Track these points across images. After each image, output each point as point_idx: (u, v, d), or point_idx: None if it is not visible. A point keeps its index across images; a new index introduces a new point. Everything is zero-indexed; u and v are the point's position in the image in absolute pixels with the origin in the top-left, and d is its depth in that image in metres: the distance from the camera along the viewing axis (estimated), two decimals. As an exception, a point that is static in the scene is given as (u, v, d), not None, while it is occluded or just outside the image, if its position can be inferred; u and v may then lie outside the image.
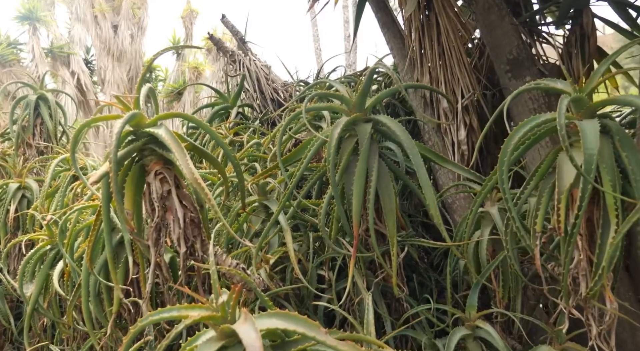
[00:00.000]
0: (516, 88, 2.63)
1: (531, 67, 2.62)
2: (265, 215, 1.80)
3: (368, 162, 1.60)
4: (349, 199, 1.63)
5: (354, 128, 1.67)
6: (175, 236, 1.36)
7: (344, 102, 1.69)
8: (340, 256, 1.70)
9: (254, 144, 2.24)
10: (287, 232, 1.58)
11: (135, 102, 1.38)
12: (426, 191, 1.48)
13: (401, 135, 1.58)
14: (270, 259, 1.58)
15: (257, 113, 3.34)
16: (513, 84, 2.66)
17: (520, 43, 2.67)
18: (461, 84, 2.69)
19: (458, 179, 2.59)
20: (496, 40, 2.73)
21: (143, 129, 1.35)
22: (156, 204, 1.37)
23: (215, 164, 1.53)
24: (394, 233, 1.55)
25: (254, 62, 3.46)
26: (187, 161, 1.22)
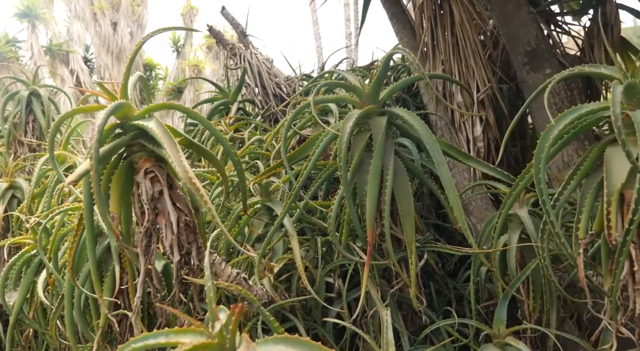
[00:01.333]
0: (535, 81, 2.49)
1: (551, 58, 2.46)
2: (268, 218, 1.64)
3: (383, 159, 1.44)
4: (361, 200, 1.47)
5: (367, 122, 1.51)
6: (168, 242, 1.20)
7: (356, 94, 1.53)
8: (351, 264, 1.54)
9: (255, 140, 2.08)
10: (293, 237, 1.42)
11: (122, 91, 1.22)
12: (449, 192, 1.32)
13: (420, 129, 1.42)
14: (274, 267, 1.42)
15: (259, 109, 3.18)
16: (532, 77, 2.50)
17: (539, 33, 2.50)
18: (476, 77, 2.53)
19: (474, 178, 2.44)
20: (513, 31, 2.57)
21: (131, 122, 1.19)
22: (146, 206, 1.21)
23: (213, 161, 1.37)
24: (413, 238, 1.40)
25: (256, 55, 3.30)
26: (180, 157, 1.06)
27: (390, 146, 1.49)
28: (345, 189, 1.38)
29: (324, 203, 1.68)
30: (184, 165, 1.04)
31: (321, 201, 1.71)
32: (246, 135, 2.20)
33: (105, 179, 1.20)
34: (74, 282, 1.27)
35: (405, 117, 1.45)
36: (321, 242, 1.60)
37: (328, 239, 1.64)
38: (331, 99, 1.60)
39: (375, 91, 1.50)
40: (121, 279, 1.32)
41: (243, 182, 1.36)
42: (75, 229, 1.27)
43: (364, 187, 1.46)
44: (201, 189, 1.01)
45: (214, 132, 1.26)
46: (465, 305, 1.76)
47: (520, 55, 2.54)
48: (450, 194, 1.32)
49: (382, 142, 1.43)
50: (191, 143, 1.33)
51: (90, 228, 1.13)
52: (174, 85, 14.77)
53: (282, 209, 1.57)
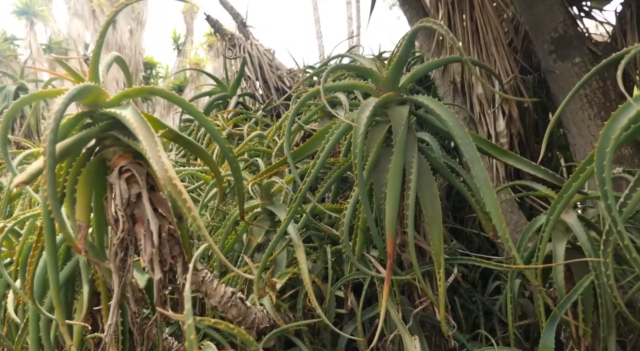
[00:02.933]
0: (563, 71, 2.26)
1: (581, 46, 2.23)
2: (269, 224, 1.43)
3: (405, 156, 1.22)
4: (379, 204, 1.25)
5: (385, 112, 1.30)
6: (147, 256, 0.98)
7: (372, 79, 1.31)
8: (366, 278, 1.32)
9: (256, 136, 1.87)
10: (299, 248, 1.20)
11: (91, 72, 1.00)
12: (486, 195, 1.10)
13: (449, 120, 1.19)
14: (276, 284, 1.20)
15: (260, 103, 2.96)
16: (559, 66, 2.27)
17: (567, 18, 2.27)
18: (498, 67, 2.30)
19: (497, 178, 2.22)
20: (537, 17, 2.34)
21: (102, 110, 0.98)
22: (120, 213, 0.99)
23: (205, 158, 1.15)
24: (441, 248, 1.17)
25: (256, 46, 3.08)
26: (158, 152, 0.84)
27: (412, 140, 1.27)
28: (361, 191, 1.16)
29: (334, 206, 1.46)
30: (164, 162, 0.83)
31: (330, 204, 1.49)
32: (245, 130, 1.99)
33: (71, 180, 0.98)
34: (33, 304, 1.05)
35: (430, 107, 1.23)
36: (331, 252, 1.38)
37: (339, 248, 1.42)
38: (343, 85, 1.38)
39: (395, 76, 1.29)
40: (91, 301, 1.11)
41: (239, 183, 1.14)
42: (35, 241, 1.05)
43: (382, 188, 1.25)
44: (184, 193, 0.79)
45: (202, 121, 1.04)
46: (495, 322, 1.54)
47: (545, 43, 2.32)
48: (487, 198, 1.10)
49: (403, 135, 1.21)
50: (178, 137, 1.11)
51: (49, 239, 0.91)
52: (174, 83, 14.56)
53: (285, 214, 1.35)
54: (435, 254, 1.18)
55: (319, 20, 14.15)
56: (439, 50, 2.45)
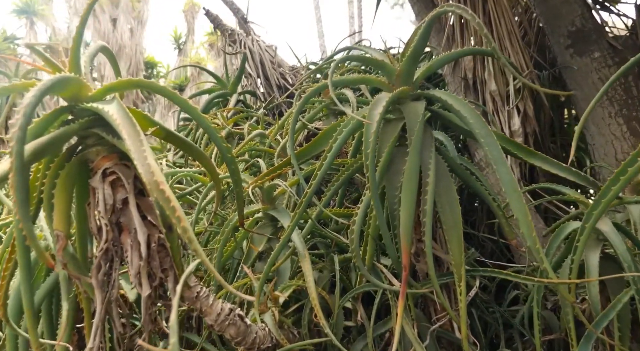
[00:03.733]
0: (582, 66, 2.14)
1: (600, 40, 2.11)
2: (272, 230, 1.31)
3: (422, 157, 1.10)
4: (391, 209, 1.14)
5: (399, 108, 1.18)
6: (134, 270, 0.87)
7: (385, 73, 1.19)
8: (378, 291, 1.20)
9: (257, 135, 1.75)
10: (305, 258, 1.09)
11: (71, 62, 0.89)
12: (514, 200, 0.98)
13: (470, 117, 1.08)
14: (279, 297, 1.09)
15: (261, 101, 2.85)
16: (577, 62, 2.15)
17: (584, 11, 2.15)
18: (513, 62, 2.19)
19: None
20: (553, 10, 2.23)
21: (83, 104, 0.86)
22: (104, 221, 0.88)
23: (201, 158, 1.04)
24: (461, 259, 1.06)
25: (257, 42, 2.97)
26: (143, 152, 0.73)
27: (429, 139, 1.15)
28: (373, 196, 1.05)
29: (342, 211, 1.35)
30: (150, 164, 0.71)
31: (337, 208, 1.38)
32: (246, 129, 1.87)
33: (49, 184, 0.87)
34: (7, 322, 0.94)
35: (449, 102, 1.12)
36: (339, 260, 1.26)
37: (347, 257, 1.30)
38: (352, 80, 1.26)
39: (410, 69, 1.17)
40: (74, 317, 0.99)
41: (238, 186, 1.03)
42: (9, 252, 0.94)
43: (396, 192, 1.13)
44: (172, 200, 0.68)
45: (197, 117, 0.93)
46: (515, 336, 1.43)
47: (562, 37, 2.20)
48: (514, 203, 0.98)
49: (419, 134, 1.10)
50: (171, 135, 1.00)
51: (22, 251, 0.80)
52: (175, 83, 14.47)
53: (289, 220, 1.24)
54: (455, 265, 1.06)
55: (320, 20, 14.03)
56: (449, 45, 2.34)
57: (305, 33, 33.17)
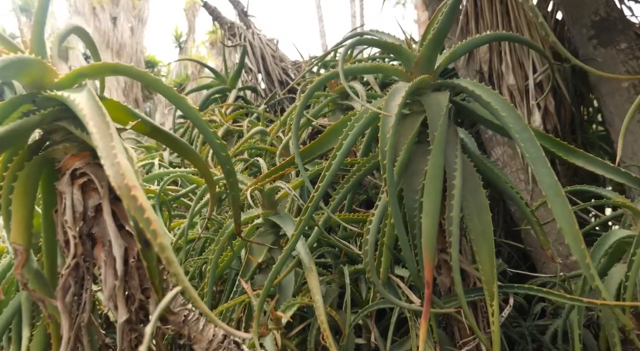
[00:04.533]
0: (607, 58, 1.99)
1: (627, 30, 1.96)
2: (273, 239, 1.16)
3: (446, 155, 0.96)
4: (410, 215, 0.99)
5: (419, 100, 1.03)
6: (108, 291, 0.73)
7: (402, 59, 1.04)
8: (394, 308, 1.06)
9: (257, 132, 1.61)
10: (312, 273, 0.94)
11: (33, 41, 0.75)
12: (557, 204, 0.84)
13: (502, 109, 0.93)
14: (281, 317, 0.94)
15: (262, 98, 2.70)
16: (601, 54, 1.99)
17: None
18: (532, 54, 2.04)
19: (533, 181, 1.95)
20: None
21: (47, 92, 0.72)
22: (71, 232, 0.73)
23: (191, 156, 0.90)
24: (493, 274, 0.91)
25: (258, 36, 2.83)
26: (112, 149, 0.58)
27: (454, 135, 1.01)
28: (391, 201, 0.90)
29: (352, 216, 1.20)
30: (119, 162, 0.57)
31: (346, 213, 1.23)
32: (245, 126, 1.73)
33: (6, 188, 0.72)
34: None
35: (476, 92, 0.97)
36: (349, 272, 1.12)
37: (358, 268, 1.16)
38: (364, 68, 1.11)
39: (431, 54, 1.02)
40: (44, 345, 0.85)
41: (234, 189, 0.88)
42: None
43: (415, 196, 0.99)
44: (147, 210, 0.53)
45: (183, 107, 0.78)
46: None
47: (585, 28, 2.05)
48: (559, 209, 0.84)
49: (443, 129, 0.95)
50: (156, 131, 0.86)
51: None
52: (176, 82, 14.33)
53: (293, 227, 1.09)
54: (486, 281, 0.91)
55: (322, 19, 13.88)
56: (463, 36, 2.19)
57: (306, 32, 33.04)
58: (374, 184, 1.70)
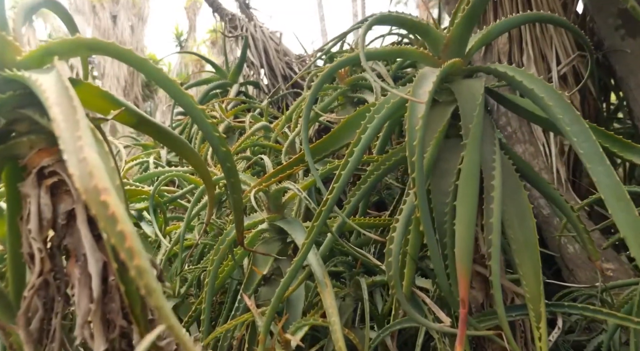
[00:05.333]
0: (635, 49, 1.85)
1: (658, 19, 1.83)
2: (279, 246, 1.03)
3: (482, 152, 0.82)
4: (439, 221, 0.86)
5: (449, 88, 0.90)
6: (81, 316, 0.59)
7: (428, 41, 0.91)
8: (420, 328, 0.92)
9: (261, 128, 1.48)
10: (327, 289, 0.81)
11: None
12: (618, 209, 0.70)
13: (549, 97, 0.80)
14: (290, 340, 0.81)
15: (265, 93, 2.57)
16: (629, 44, 1.85)
17: (638, -14, 1.87)
18: (555, 45, 1.91)
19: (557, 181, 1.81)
20: (600, -15, 1.95)
21: (6, 72, 0.59)
22: (36, 244, 0.60)
23: (185, 152, 0.76)
24: (539, 291, 0.78)
25: (260, 28, 2.69)
26: (77, 140, 0.45)
27: (490, 129, 0.87)
28: (420, 205, 0.76)
29: (368, 221, 1.06)
30: (87, 158, 0.43)
31: (361, 217, 1.09)
32: (247, 121, 1.59)
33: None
34: None
35: (517, 78, 0.83)
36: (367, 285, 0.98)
37: (376, 280, 1.02)
38: (385, 52, 0.97)
39: (463, 35, 0.89)
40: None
41: (236, 190, 0.75)
42: None
43: (445, 199, 0.85)
44: (120, 221, 0.40)
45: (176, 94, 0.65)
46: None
47: (611, 17, 1.91)
48: (621, 216, 0.70)
49: (479, 122, 0.81)
50: (143, 122, 0.72)
51: None
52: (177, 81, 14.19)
53: (302, 233, 0.96)
54: (532, 299, 0.78)
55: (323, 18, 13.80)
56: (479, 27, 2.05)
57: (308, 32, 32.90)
58: (386, 184, 1.57)
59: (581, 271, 1.63)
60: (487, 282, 0.96)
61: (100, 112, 0.72)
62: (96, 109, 0.71)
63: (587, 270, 1.56)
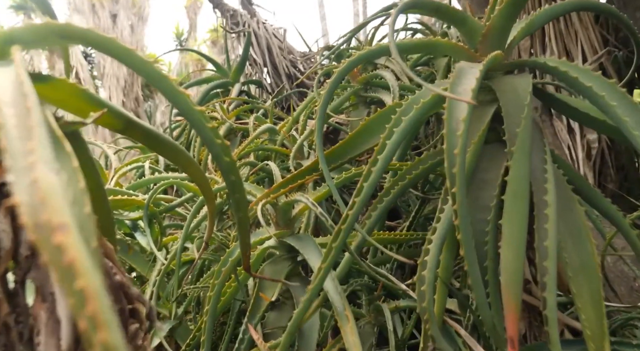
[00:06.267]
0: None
1: (691, 13, 1.71)
2: (289, 267, 0.90)
3: (532, 161, 0.70)
4: (477, 240, 0.73)
5: (489, 86, 0.77)
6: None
7: (464, 31, 0.79)
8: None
9: (266, 130, 1.35)
10: (348, 324, 0.68)
11: None
12: None
13: (611, 97, 0.67)
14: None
15: (268, 93, 2.45)
16: (661, 40, 1.74)
17: (670, -22, 1.75)
18: (582, 41, 1.78)
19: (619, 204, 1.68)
20: (628, -22, 1.82)
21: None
22: (-10, 282, 0.47)
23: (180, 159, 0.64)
24: (603, 326, 0.65)
25: (264, 25, 2.57)
26: (26, 154, 0.32)
27: (539, 134, 0.75)
28: (462, 224, 0.64)
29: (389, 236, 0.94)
30: (37, 180, 0.31)
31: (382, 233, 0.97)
32: (251, 123, 1.47)
33: None
34: None
35: (570, 75, 0.71)
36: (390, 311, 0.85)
37: (400, 306, 0.90)
38: (414, 44, 0.83)
39: (505, 24, 0.76)
40: None
41: (241, 209, 0.62)
42: None
43: (484, 215, 0.73)
44: (82, 273, 0.28)
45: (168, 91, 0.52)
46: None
47: (638, 11, 1.80)
48: None
49: (528, 126, 0.69)
50: (130, 125, 0.60)
51: None
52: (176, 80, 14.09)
53: (316, 252, 0.84)
54: (593, 337, 0.65)
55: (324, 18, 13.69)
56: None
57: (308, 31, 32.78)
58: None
59: (615, 286, 1.51)
60: (530, 309, 0.83)
61: (79, 114, 0.60)
62: (73, 110, 0.58)
63: (622, 287, 1.43)
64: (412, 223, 1.21)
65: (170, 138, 0.64)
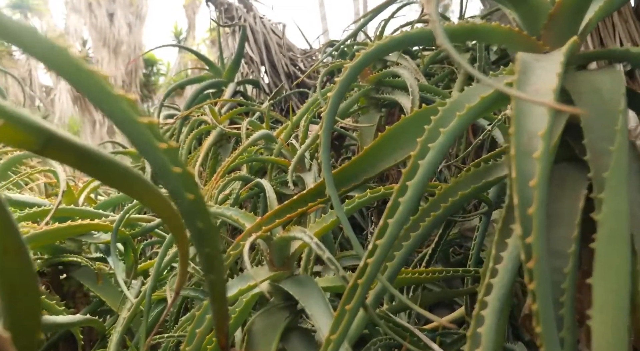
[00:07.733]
0: None
1: None
2: (286, 319, 0.70)
3: (631, 192, 0.50)
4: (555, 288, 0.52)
5: (562, 86, 0.57)
6: None
7: (524, 13, 0.58)
8: None
9: (261, 137, 1.15)
10: None
11: None
12: None
13: None
14: None
15: (265, 94, 2.25)
16: None
17: None
18: (619, 34, 1.59)
19: None
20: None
21: None
22: None
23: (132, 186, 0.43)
24: None
25: (261, 20, 2.37)
26: None
27: (632, 151, 0.54)
28: (537, 270, 0.43)
29: (418, 276, 0.73)
30: None
31: (405, 269, 0.76)
32: (244, 128, 1.26)
33: None
34: None
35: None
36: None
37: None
38: (459, 29, 0.63)
39: (579, 4, 0.56)
40: None
41: (215, 268, 0.42)
42: None
43: (558, 262, 0.52)
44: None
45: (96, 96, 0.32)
46: None
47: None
48: None
49: (623, 144, 0.48)
50: (53, 142, 0.39)
51: None
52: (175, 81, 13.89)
53: (323, 305, 0.64)
54: None
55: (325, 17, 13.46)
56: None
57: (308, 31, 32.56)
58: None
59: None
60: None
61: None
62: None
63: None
64: (434, 250, 1.01)
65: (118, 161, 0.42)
